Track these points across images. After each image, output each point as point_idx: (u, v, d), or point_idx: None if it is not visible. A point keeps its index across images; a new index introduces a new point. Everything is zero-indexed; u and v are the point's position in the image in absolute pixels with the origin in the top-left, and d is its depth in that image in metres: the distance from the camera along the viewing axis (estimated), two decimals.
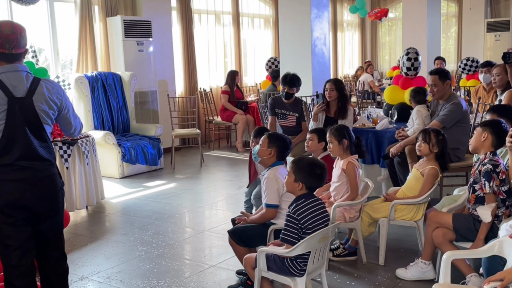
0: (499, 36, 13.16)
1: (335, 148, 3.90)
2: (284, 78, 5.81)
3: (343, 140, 3.87)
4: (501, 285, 2.25)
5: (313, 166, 2.99)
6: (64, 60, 7.84)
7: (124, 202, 5.88)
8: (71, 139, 5.24)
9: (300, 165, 2.98)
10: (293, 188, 2.99)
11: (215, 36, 10.18)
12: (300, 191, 2.97)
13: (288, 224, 2.91)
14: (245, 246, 3.39)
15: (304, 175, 2.95)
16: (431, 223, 3.44)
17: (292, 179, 2.97)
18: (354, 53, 14.94)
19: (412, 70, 5.82)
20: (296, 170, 2.97)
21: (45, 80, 2.72)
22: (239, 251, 3.40)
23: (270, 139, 3.55)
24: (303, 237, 2.87)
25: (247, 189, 4.58)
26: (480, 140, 3.29)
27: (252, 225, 3.46)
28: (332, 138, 3.91)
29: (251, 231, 3.41)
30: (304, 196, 2.96)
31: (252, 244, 3.44)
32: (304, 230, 2.89)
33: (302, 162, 3.02)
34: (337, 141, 3.88)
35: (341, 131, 3.91)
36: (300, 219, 2.88)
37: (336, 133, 3.90)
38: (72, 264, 3.99)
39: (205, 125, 9.43)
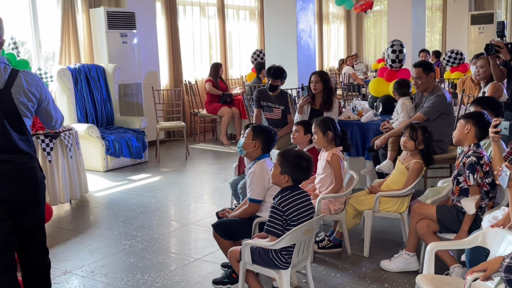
0: (483, 28, 13.26)
1: (319, 140, 3.90)
2: (268, 71, 5.79)
3: (327, 131, 3.87)
4: (484, 275, 2.26)
5: (300, 159, 2.98)
6: (47, 53, 7.72)
7: (108, 196, 5.82)
8: (53, 132, 5.16)
9: (287, 158, 2.97)
10: (279, 180, 2.98)
11: (200, 28, 10.11)
12: (286, 183, 2.96)
13: (273, 216, 2.90)
14: (229, 239, 3.37)
15: (291, 167, 2.94)
16: (415, 214, 3.46)
17: (278, 171, 2.96)
18: (340, 46, 14.95)
19: (397, 63, 5.83)
20: (283, 162, 2.96)
21: (24, 71, 2.66)
22: (223, 245, 3.38)
23: (254, 131, 3.53)
24: (288, 229, 2.86)
25: (231, 180, 4.56)
26: (463, 132, 3.30)
27: (236, 218, 3.44)
28: (317, 130, 3.90)
29: (235, 225, 3.39)
30: (290, 188, 2.95)
31: (236, 237, 3.42)
32: (288, 222, 2.89)
33: (288, 154, 3.01)
34: (321, 132, 3.87)
35: (326, 122, 3.91)
36: (285, 211, 2.87)
37: (321, 124, 3.89)
38: (55, 259, 3.95)
39: (190, 118, 9.38)
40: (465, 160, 3.24)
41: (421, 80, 4.79)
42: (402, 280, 3.47)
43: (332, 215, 3.87)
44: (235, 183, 4.56)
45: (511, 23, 13.27)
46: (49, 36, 7.55)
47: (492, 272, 2.24)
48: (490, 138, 3.22)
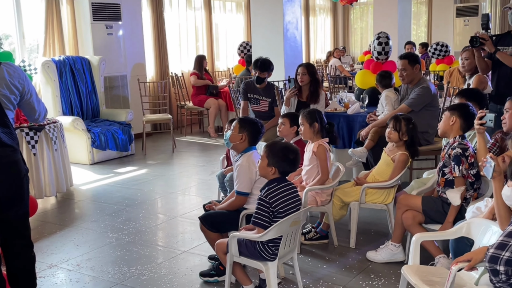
0: (468, 21, 13.34)
1: (306, 131, 3.90)
2: (255, 63, 5.77)
3: (314, 123, 3.87)
4: (469, 265, 2.29)
5: (287, 151, 2.98)
6: (31, 45, 7.62)
7: (94, 189, 5.78)
8: (38, 125, 5.11)
9: (274, 150, 2.97)
10: (266, 172, 2.98)
11: (186, 20, 10.04)
12: (272, 175, 2.96)
13: (260, 207, 2.90)
14: (216, 232, 3.37)
15: (277, 159, 2.94)
16: (401, 206, 3.48)
17: (265, 163, 2.96)
18: (326, 38, 14.96)
19: (383, 55, 5.85)
20: (270, 154, 2.96)
21: (5, 64, 2.63)
22: (210, 237, 3.38)
23: (241, 123, 3.52)
24: (275, 221, 2.87)
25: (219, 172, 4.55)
26: (448, 124, 3.33)
27: (223, 211, 3.44)
28: (304, 121, 3.91)
29: (222, 217, 3.39)
30: (276, 180, 2.96)
31: (223, 229, 3.42)
32: (275, 214, 2.89)
33: (275, 146, 3.01)
34: (308, 124, 3.88)
35: (313, 114, 3.91)
36: (272, 203, 2.88)
37: (308, 116, 3.90)
38: (40, 252, 3.92)
39: (176, 110, 9.33)
40: (450, 152, 3.27)
41: (406, 72, 4.81)
42: (388, 271, 3.50)
43: (318, 207, 3.88)
44: (222, 175, 4.55)
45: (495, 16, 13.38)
46: (33, 28, 7.44)
47: (477, 262, 2.28)
48: (475, 130, 3.25)
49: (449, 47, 9.20)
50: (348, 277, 3.46)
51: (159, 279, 3.51)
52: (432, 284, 2.50)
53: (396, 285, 3.14)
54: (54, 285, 3.48)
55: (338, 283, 3.39)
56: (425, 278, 2.57)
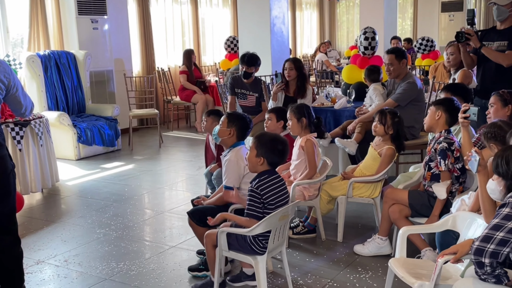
0: (453, 16, 13.45)
1: (294, 126, 3.92)
2: (242, 58, 5.77)
3: (302, 118, 3.89)
4: (455, 258, 2.32)
5: (275, 142, 3.00)
6: (14, 39, 7.52)
7: (80, 185, 5.75)
8: (23, 120, 5.06)
9: (263, 140, 2.98)
10: (254, 163, 2.98)
11: (172, 14, 9.99)
12: (261, 166, 2.97)
13: (252, 199, 2.91)
14: (204, 226, 3.37)
15: (266, 150, 2.95)
16: (388, 199, 3.52)
17: (254, 154, 2.97)
18: (313, 33, 14.98)
19: (370, 50, 5.88)
20: (258, 145, 2.97)
21: None
22: (199, 232, 3.38)
23: (229, 118, 3.52)
24: (266, 213, 2.89)
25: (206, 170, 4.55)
26: (434, 118, 3.36)
27: (211, 206, 3.45)
28: (292, 116, 3.92)
29: (210, 212, 3.39)
30: (267, 172, 2.97)
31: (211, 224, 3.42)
32: (266, 205, 2.90)
33: (264, 137, 3.03)
34: (296, 118, 3.89)
35: (301, 109, 3.93)
36: (262, 195, 2.89)
37: (296, 111, 3.91)
38: (27, 248, 3.89)
39: (163, 105, 9.30)
40: (436, 146, 3.30)
41: (393, 67, 4.85)
42: (375, 264, 3.54)
43: (306, 201, 3.90)
44: (209, 173, 4.55)
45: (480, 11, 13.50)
46: (17, 22, 7.35)
47: (462, 254, 2.31)
48: (459, 123, 3.29)
49: (434, 42, 9.27)
50: (336, 271, 3.49)
51: (148, 274, 3.51)
52: (419, 277, 2.53)
53: (383, 278, 3.17)
54: (42, 281, 3.46)
55: (326, 276, 3.42)
56: (412, 271, 2.60)
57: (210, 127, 4.44)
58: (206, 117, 4.42)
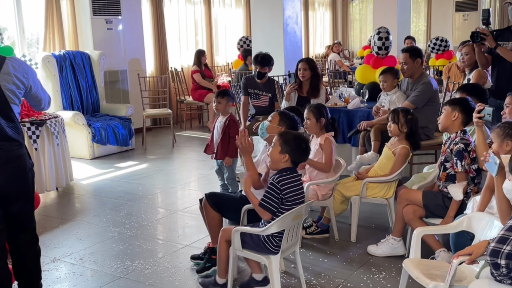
0: (467, 15, 13.35)
1: (312, 125, 3.93)
2: (255, 58, 5.78)
3: (321, 118, 3.91)
4: (470, 259, 2.32)
5: (299, 140, 3.02)
6: (28, 39, 7.61)
7: (95, 183, 5.80)
8: (39, 120, 5.13)
9: (287, 138, 3.00)
10: (277, 160, 2.98)
11: (185, 14, 10.03)
12: (284, 164, 2.97)
13: (270, 192, 2.92)
14: (218, 211, 3.40)
15: (291, 148, 2.96)
16: (402, 200, 3.51)
17: (278, 150, 2.98)
18: (325, 33, 14.95)
19: (383, 50, 5.86)
20: (283, 142, 2.98)
21: (10, 58, 2.64)
22: (210, 215, 3.40)
23: (281, 116, 3.59)
24: (282, 208, 2.90)
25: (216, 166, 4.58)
26: (450, 119, 3.34)
27: (229, 195, 3.46)
28: (311, 115, 3.93)
29: (227, 200, 3.43)
30: (289, 170, 2.98)
31: (225, 212, 3.44)
32: (283, 201, 2.91)
33: (288, 135, 3.05)
34: (315, 118, 3.91)
35: (320, 109, 3.95)
36: (282, 190, 2.90)
37: (316, 110, 3.93)
38: (43, 246, 3.91)
39: (176, 105, 9.34)
40: (452, 147, 3.29)
41: (407, 65, 4.82)
42: (388, 265, 3.53)
43: (320, 201, 3.91)
44: (220, 171, 4.58)
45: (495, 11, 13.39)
46: (33, 22, 7.43)
47: (478, 255, 2.30)
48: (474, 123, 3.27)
49: (448, 42, 9.21)
50: (349, 271, 3.49)
51: (162, 272, 3.54)
52: (433, 278, 2.52)
53: (397, 279, 3.17)
54: (58, 278, 3.51)
55: (339, 276, 3.42)
56: (426, 272, 2.60)
57: (225, 109, 4.50)
58: (220, 98, 4.46)
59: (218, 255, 3.15)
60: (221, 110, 4.49)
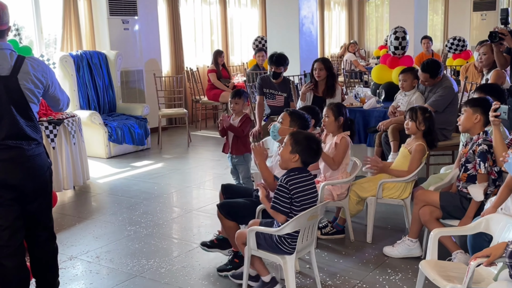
0: (485, 15, 13.20)
1: (330, 123, 3.92)
2: (270, 58, 5.78)
3: (339, 117, 3.90)
4: (488, 261, 2.29)
5: (310, 140, 2.99)
6: (47, 39, 7.70)
7: (111, 182, 5.85)
8: (57, 119, 5.18)
9: (298, 138, 2.98)
10: (288, 159, 2.96)
11: (201, 14, 10.06)
12: (294, 163, 2.95)
13: (279, 193, 2.91)
14: (233, 220, 3.40)
15: (302, 148, 2.94)
16: (418, 201, 3.48)
17: (289, 150, 2.96)
18: (341, 32, 14.89)
19: (400, 50, 5.82)
20: (294, 142, 2.96)
21: (29, 58, 2.68)
22: (226, 225, 3.41)
23: (292, 117, 3.56)
24: (292, 209, 2.89)
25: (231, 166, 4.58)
26: (472, 122, 3.29)
27: (241, 201, 3.47)
28: (330, 113, 3.92)
29: (239, 207, 3.42)
30: (298, 170, 2.95)
31: (239, 219, 3.44)
32: (292, 202, 2.90)
33: (300, 135, 3.02)
34: (334, 116, 3.90)
35: (340, 108, 3.95)
36: (291, 190, 2.88)
37: (335, 109, 3.92)
38: (60, 244, 3.94)
39: (192, 105, 9.38)
40: (475, 148, 3.25)
41: (427, 82, 4.83)
42: (405, 266, 3.51)
43: (335, 202, 3.89)
44: (235, 171, 4.59)
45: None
46: (50, 22, 7.52)
47: (496, 257, 2.27)
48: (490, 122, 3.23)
49: (466, 42, 9.11)
50: (365, 272, 3.47)
51: (177, 271, 3.55)
52: (450, 280, 2.50)
53: (414, 280, 3.14)
54: (75, 276, 3.54)
55: (355, 277, 3.40)
56: (443, 273, 2.57)
57: (241, 109, 4.49)
58: (238, 99, 4.43)
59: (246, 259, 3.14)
60: (238, 110, 4.49)
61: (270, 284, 3.11)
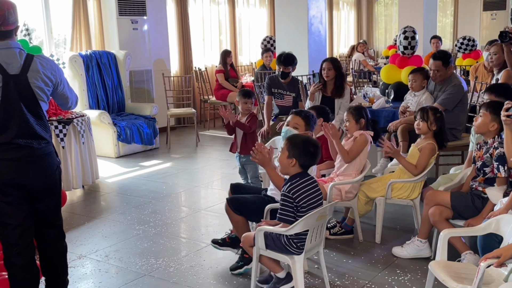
0: (495, 14, 13.11)
1: (352, 127, 3.94)
2: (278, 58, 5.77)
3: (360, 119, 3.91)
4: (498, 262, 2.27)
5: (307, 144, 2.98)
6: (57, 39, 7.74)
7: (120, 182, 5.87)
8: (66, 119, 5.21)
9: (295, 142, 2.98)
10: (286, 164, 2.97)
11: (210, 14, 10.07)
12: (293, 168, 2.96)
13: (284, 203, 2.92)
14: (240, 214, 3.41)
15: (298, 152, 2.94)
16: (429, 202, 3.45)
17: (286, 155, 2.96)
18: (350, 32, 14.85)
19: (409, 49, 5.79)
20: (290, 146, 2.96)
21: (38, 56, 2.69)
22: (235, 219, 3.42)
23: (306, 121, 3.62)
24: (298, 216, 2.88)
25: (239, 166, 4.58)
26: (488, 128, 3.27)
27: (250, 197, 3.48)
28: (350, 117, 3.93)
29: (249, 203, 3.43)
30: (299, 175, 2.96)
31: (248, 215, 3.44)
32: (298, 209, 2.90)
33: (296, 139, 3.02)
34: (354, 120, 3.92)
35: (359, 110, 3.96)
36: (295, 198, 2.89)
37: (355, 112, 3.94)
38: (69, 243, 3.96)
39: (200, 105, 9.39)
40: (493, 152, 3.23)
41: (440, 73, 4.78)
42: (414, 267, 3.49)
43: (344, 202, 3.88)
44: (244, 171, 4.59)
45: None
46: (60, 22, 7.56)
47: (507, 258, 2.26)
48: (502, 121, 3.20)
49: (476, 42, 9.05)
50: (374, 272, 3.46)
51: (186, 271, 3.56)
52: (460, 280, 2.48)
53: (423, 281, 3.13)
54: (84, 275, 3.56)
55: (363, 278, 3.39)
56: (453, 274, 2.56)
57: (250, 109, 4.50)
58: (247, 99, 4.44)
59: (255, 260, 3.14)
60: (248, 110, 4.49)
61: (286, 280, 3.10)
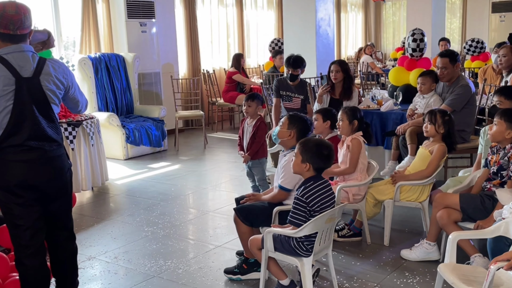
0: (504, 16, 13.05)
1: (344, 127, 3.91)
2: (287, 60, 5.79)
3: (354, 120, 3.89)
4: (508, 265, 2.27)
5: (320, 147, 2.98)
6: (66, 41, 7.80)
7: (129, 183, 5.90)
8: (76, 121, 5.25)
9: (308, 146, 2.98)
10: (300, 169, 2.99)
11: (218, 17, 10.11)
12: (307, 172, 2.97)
13: (297, 207, 2.91)
14: (250, 225, 3.40)
15: (312, 155, 2.95)
16: (438, 204, 3.44)
17: (300, 160, 2.97)
18: (358, 34, 14.83)
19: (418, 52, 5.79)
20: (303, 151, 2.96)
21: (51, 60, 2.73)
22: (242, 230, 3.41)
23: (290, 120, 3.53)
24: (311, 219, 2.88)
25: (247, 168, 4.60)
26: (504, 136, 3.27)
27: (259, 204, 3.47)
28: (344, 117, 3.91)
29: (257, 211, 3.42)
30: (313, 179, 2.96)
31: (256, 223, 3.44)
32: (312, 213, 2.90)
33: (309, 142, 3.02)
34: (348, 120, 3.90)
35: (354, 111, 3.94)
36: (308, 202, 2.89)
37: (349, 112, 3.91)
38: (79, 245, 3.96)
39: (208, 107, 9.42)
40: (511, 156, 3.23)
41: (447, 70, 4.76)
42: (422, 269, 3.48)
43: (352, 204, 3.88)
44: (251, 173, 4.61)
45: None
46: (70, 25, 7.62)
47: None
48: None
49: (484, 44, 9.00)
50: (382, 275, 3.45)
51: (194, 272, 3.57)
52: (470, 283, 2.48)
53: (431, 284, 3.12)
54: (93, 276, 3.58)
55: (372, 280, 3.39)
56: (462, 277, 2.55)
57: (254, 111, 4.52)
58: (250, 101, 4.48)
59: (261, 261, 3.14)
60: (252, 113, 4.52)
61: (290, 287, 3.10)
